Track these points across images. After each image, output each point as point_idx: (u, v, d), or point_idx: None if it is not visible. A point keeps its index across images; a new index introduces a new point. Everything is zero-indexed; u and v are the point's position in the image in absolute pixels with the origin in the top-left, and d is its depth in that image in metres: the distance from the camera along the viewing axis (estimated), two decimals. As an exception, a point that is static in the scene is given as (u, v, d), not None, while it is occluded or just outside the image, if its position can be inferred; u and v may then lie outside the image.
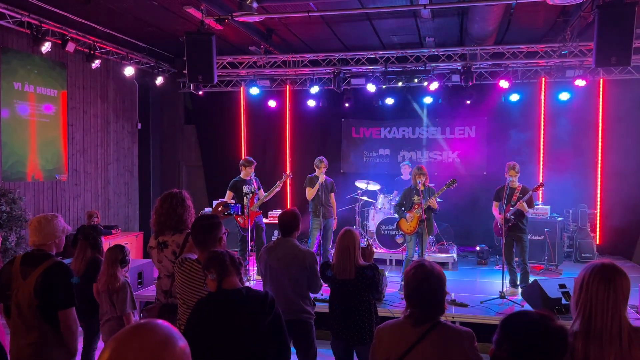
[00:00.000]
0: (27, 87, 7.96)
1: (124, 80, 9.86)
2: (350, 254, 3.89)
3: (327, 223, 7.75)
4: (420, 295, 2.42)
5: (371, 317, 3.95)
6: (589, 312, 2.16)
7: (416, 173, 6.89)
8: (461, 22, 8.42)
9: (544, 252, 8.41)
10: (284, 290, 3.98)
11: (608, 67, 8.37)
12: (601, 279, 2.17)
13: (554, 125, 9.97)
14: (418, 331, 2.39)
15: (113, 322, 4.19)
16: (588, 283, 2.19)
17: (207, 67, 6.47)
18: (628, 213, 9.57)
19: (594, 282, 2.17)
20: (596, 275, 2.18)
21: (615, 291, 2.15)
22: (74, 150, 9.02)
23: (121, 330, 1.26)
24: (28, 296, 3.05)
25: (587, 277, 2.21)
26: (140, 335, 1.24)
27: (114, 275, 4.15)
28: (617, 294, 2.15)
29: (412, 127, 10.88)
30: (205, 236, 3.17)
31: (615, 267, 2.23)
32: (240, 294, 2.61)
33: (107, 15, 7.71)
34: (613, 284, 2.15)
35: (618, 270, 2.21)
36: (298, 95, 10.93)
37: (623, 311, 2.16)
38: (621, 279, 2.18)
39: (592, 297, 2.16)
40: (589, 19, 6.81)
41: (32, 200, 8.07)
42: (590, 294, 2.17)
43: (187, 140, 12.01)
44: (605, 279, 2.17)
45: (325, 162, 7.66)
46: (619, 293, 2.15)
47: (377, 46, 9.74)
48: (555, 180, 9.87)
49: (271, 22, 8.40)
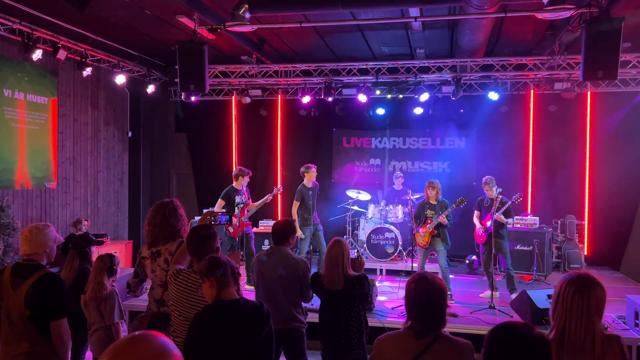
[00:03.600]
0: (17, 94, 7.91)
1: (115, 88, 9.83)
2: (339, 264, 3.90)
3: (316, 227, 7.95)
4: (422, 309, 2.42)
5: (361, 327, 3.96)
6: (563, 322, 2.21)
7: (427, 187, 7.18)
8: (451, 34, 8.53)
9: (533, 263, 8.47)
10: (276, 298, 3.98)
11: (595, 81, 8.51)
12: (575, 290, 2.22)
13: (542, 136, 10.09)
14: (421, 343, 2.40)
15: (101, 332, 4.15)
16: (564, 293, 2.24)
17: (199, 76, 6.46)
18: (616, 224, 9.70)
19: (569, 293, 2.23)
20: (571, 287, 2.24)
21: (589, 302, 2.19)
22: (63, 158, 8.96)
23: (116, 341, 1.26)
24: (19, 307, 3.03)
25: (563, 287, 2.26)
26: (135, 347, 1.24)
27: (101, 283, 4.10)
28: (591, 304, 2.20)
29: (403, 137, 10.95)
30: (202, 247, 3.17)
31: (590, 278, 2.27)
32: (238, 304, 2.61)
33: (99, 23, 7.71)
34: (587, 295, 2.20)
35: (592, 282, 2.25)
36: (289, 105, 10.97)
37: (597, 322, 2.21)
38: (595, 290, 2.22)
39: (567, 307, 2.22)
40: (577, 33, 6.91)
41: (20, 208, 7.99)
42: (565, 304, 2.22)
43: (178, 149, 11.98)
44: (579, 290, 2.22)
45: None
46: (593, 304, 2.20)
47: (368, 57, 9.82)
48: (544, 191, 9.99)
49: (263, 32, 8.44)
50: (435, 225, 7.08)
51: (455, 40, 8.59)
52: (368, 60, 9.63)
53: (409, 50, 9.47)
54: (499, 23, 7.65)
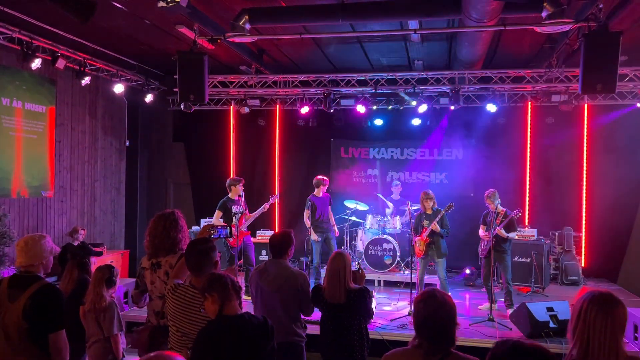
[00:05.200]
0: (15, 102, 7.88)
1: (113, 97, 9.82)
2: (340, 277, 3.88)
3: (327, 235, 8.16)
4: (431, 329, 2.37)
5: (362, 340, 3.93)
6: (587, 340, 2.18)
7: (422, 198, 7.27)
8: (450, 46, 8.57)
9: (531, 275, 8.46)
10: (275, 312, 3.93)
11: (594, 94, 8.57)
12: (599, 309, 2.20)
13: (540, 148, 10.13)
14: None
15: (99, 344, 4.11)
16: (586, 312, 2.22)
17: (199, 86, 6.46)
18: (613, 236, 9.72)
19: (592, 311, 2.21)
20: (594, 305, 2.22)
21: (614, 321, 2.18)
22: (60, 166, 8.92)
23: None
24: (16, 319, 2.98)
25: (585, 305, 2.24)
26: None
27: (100, 294, 4.07)
28: (615, 323, 2.18)
29: (401, 148, 10.97)
30: (201, 261, 3.14)
31: (613, 296, 2.27)
32: (243, 319, 2.58)
33: (99, 32, 7.71)
34: (611, 314, 2.19)
35: (615, 300, 2.25)
36: (288, 115, 10.98)
37: (620, 340, 2.19)
38: (618, 309, 2.22)
39: (590, 326, 2.19)
40: (575, 46, 6.97)
41: (16, 217, 7.94)
42: (588, 323, 2.20)
43: (176, 158, 11.95)
44: (603, 309, 2.20)
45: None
46: (617, 323, 2.19)
47: (366, 68, 9.86)
48: (541, 203, 10.01)
49: (263, 43, 8.47)
50: (429, 233, 7.10)
51: (453, 52, 8.63)
52: (366, 72, 9.67)
53: (407, 62, 9.52)
54: (497, 36, 7.70)
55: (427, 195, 7.24)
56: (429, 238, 7.13)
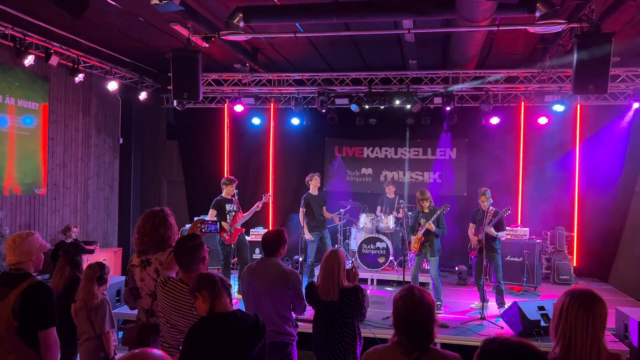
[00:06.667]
0: (8, 99, 7.84)
1: (107, 94, 9.79)
2: (334, 275, 3.88)
3: (322, 233, 8.23)
4: (410, 326, 2.40)
5: (355, 339, 3.94)
6: (569, 338, 2.21)
7: (419, 198, 7.31)
8: (444, 46, 8.59)
9: (523, 274, 8.51)
10: (265, 311, 3.91)
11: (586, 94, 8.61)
12: (580, 306, 2.23)
13: (532, 148, 10.18)
14: (409, 359, 2.38)
15: (91, 342, 4.09)
16: (567, 310, 2.25)
17: (193, 84, 6.47)
18: (604, 236, 9.79)
19: (574, 309, 2.23)
20: (575, 302, 2.24)
21: (595, 318, 2.21)
22: (53, 164, 8.89)
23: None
24: (6, 317, 2.97)
25: (566, 303, 2.26)
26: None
27: (92, 292, 4.05)
28: (596, 321, 2.21)
29: (395, 147, 11.00)
30: (189, 257, 3.15)
31: (594, 294, 2.29)
32: (234, 317, 2.59)
33: (92, 29, 7.69)
34: (592, 312, 2.22)
35: (597, 298, 2.27)
36: (282, 114, 10.98)
37: (601, 337, 2.22)
38: (599, 307, 2.24)
39: (572, 323, 2.22)
40: (568, 47, 7.00)
41: (8, 214, 7.90)
42: (569, 321, 2.23)
43: (169, 156, 11.93)
44: (584, 306, 2.23)
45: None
46: (598, 320, 2.22)
47: (361, 67, 9.87)
48: (533, 203, 10.05)
49: (257, 42, 8.46)
50: (424, 232, 7.13)
51: (447, 52, 8.66)
52: (361, 71, 9.68)
53: (401, 62, 9.54)
54: (490, 36, 7.73)
55: (424, 194, 7.26)
56: (423, 237, 7.16)
